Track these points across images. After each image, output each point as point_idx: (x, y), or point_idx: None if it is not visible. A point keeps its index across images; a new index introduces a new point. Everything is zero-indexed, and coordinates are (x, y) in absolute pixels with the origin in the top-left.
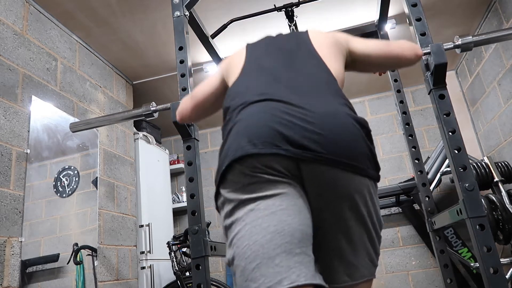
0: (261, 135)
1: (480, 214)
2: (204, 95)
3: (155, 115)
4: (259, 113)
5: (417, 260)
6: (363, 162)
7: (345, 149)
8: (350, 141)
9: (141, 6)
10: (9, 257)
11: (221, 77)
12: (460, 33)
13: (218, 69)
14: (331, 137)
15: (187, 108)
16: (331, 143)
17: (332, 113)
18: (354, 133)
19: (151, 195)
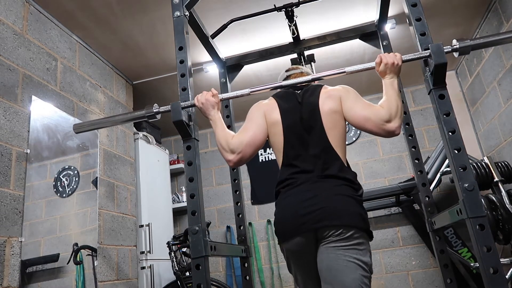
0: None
1: (480, 214)
2: (259, 147)
3: (157, 117)
4: (292, 207)
5: (417, 260)
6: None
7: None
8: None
9: (141, 6)
10: (9, 257)
11: (266, 133)
12: (460, 33)
13: (262, 125)
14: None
15: (247, 154)
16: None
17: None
18: (343, 209)
19: (151, 195)
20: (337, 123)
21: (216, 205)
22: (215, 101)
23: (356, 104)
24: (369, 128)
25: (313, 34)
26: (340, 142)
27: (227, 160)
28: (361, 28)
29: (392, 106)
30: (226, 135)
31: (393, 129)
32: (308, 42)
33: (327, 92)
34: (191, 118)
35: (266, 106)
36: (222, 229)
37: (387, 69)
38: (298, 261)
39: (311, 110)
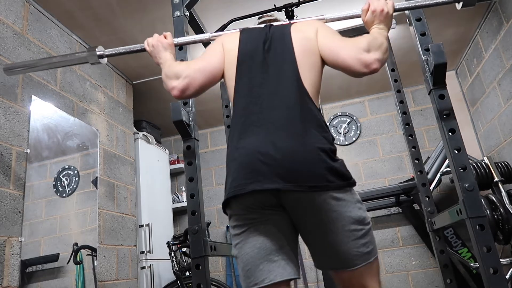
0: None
1: (480, 214)
2: (214, 75)
3: (102, 61)
4: (247, 155)
5: (417, 260)
6: (321, 180)
7: (302, 175)
8: (307, 168)
9: (141, 6)
10: (9, 257)
11: (222, 62)
12: (460, 33)
13: (219, 52)
14: (291, 168)
15: (197, 81)
16: (291, 173)
17: (294, 150)
18: (311, 160)
19: (151, 195)
20: (311, 50)
21: (216, 205)
22: (168, 42)
23: (334, 35)
24: (342, 58)
25: None
26: (313, 78)
27: (171, 88)
28: (361, 28)
29: (374, 38)
30: (173, 63)
31: (371, 61)
32: None
33: (301, 23)
34: (191, 118)
35: (225, 36)
36: (222, 229)
37: (375, 17)
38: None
39: (280, 35)
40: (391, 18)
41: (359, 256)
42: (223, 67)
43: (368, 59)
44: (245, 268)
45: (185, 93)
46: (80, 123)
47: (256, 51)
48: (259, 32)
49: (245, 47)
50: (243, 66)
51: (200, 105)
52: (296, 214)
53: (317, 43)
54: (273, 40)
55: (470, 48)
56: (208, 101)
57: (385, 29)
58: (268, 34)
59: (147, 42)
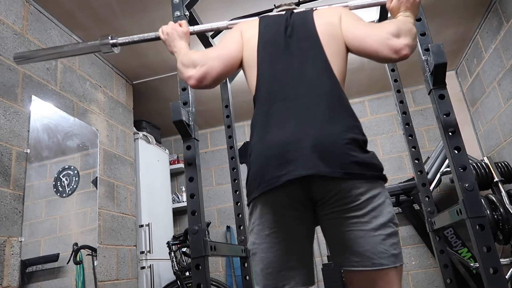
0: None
1: (480, 214)
2: (232, 64)
3: (114, 50)
4: (277, 146)
5: (417, 260)
6: (354, 168)
7: (336, 163)
8: (340, 157)
9: (141, 6)
10: (9, 257)
11: (241, 50)
12: (460, 33)
13: (237, 40)
14: (325, 156)
15: (215, 69)
16: (324, 161)
17: (327, 138)
18: (345, 150)
19: (151, 195)
20: (336, 35)
21: (216, 205)
22: (183, 30)
23: (358, 20)
24: (370, 44)
25: None
26: (340, 64)
27: (187, 77)
28: None
29: (404, 23)
30: (189, 52)
31: (400, 46)
32: None
33: (323, 9)
34: (191, 118)
35: (244, 23)
36: (222, 229)
37: (401, 4)
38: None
39: (302, 21)
40: (418, 6)
41: (386, 256)
42: (242, 56)
43: (398, 44)
44: (264, 269)
45: (202, 83)
46: (80, 123)
47: (278, 37)
48: (279, 18)
49: (265, 33)
50: (264, 54)
51: (200, 105)
52: (325, 203)
53: (341, 29)
54: (295, 26)
55: (470, 48)
56: (208, 101)
57: (411, 17)
58: (289, 20)
59: (161, 30)
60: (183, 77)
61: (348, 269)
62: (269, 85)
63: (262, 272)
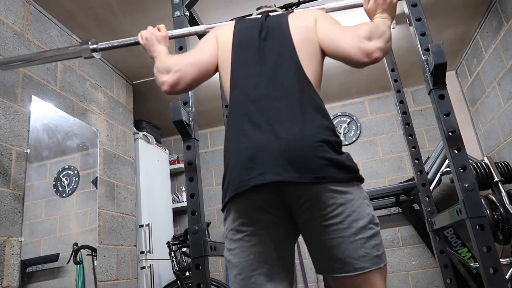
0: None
1: (480, 214)
2: (206, 69)
3: (95, 56)
4: (247, 149)
5: (417, 260)
6: (326, 171)
7: (306, 167)
8: (311, 159)
9: (141, 6)
10: (9, 257)
11: (216, 55)
12: (460, 33)
13: (212, 44)
14: (295, 159)
15: (188, 75)
16: (294, 165)
17: (297, 140)
18: (316, 152)
19: (151, 195)
20: (311, 39)
21: (216, 205)
22: (161, 35)
23: (334, 24)
24: (343, 48)
25: None
26: (314, 67)
27: (161, 83)
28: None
29: (376, 26)
30: (165, 57)
31: (372, 49)
32: None
33: (300, 12)
34: (191, 118)
35: (219, 27)
36: (222, 229)
37: (377, 6)
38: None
39: (277, 24)
40: (395, 7)
41: (368, 259)
42: (217, 60)
43: (369, 47)
44: (238, 276)
45: (175, 88)
46: (80, 123)
47: (252, 40)
48: (254, 22)
49: (240, 37)
50: (238, 56)
51: (200, 105)
52: (299, 210)
53: (316, 33)
54: (269, 29)
55: (470, 48)
56: (208, 101)
57: (388, 19)
58: (264, 23)
59: (140, 35)
60: (158, 83)
61: (332, 276)
62: (241, 88)
63: (236, 279)
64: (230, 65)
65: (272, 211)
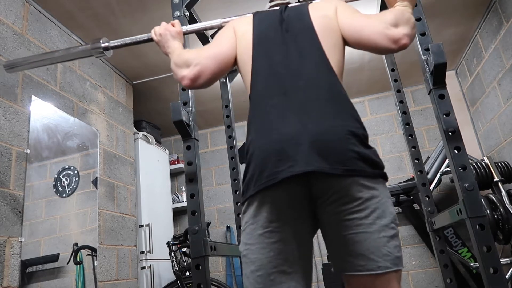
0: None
1: (480, 214)
2: (226, 62)
3: (106, 54)
4: (276, 142)
5: (417, 260)
6: (355, 165)
7: (336, 159)
8: (341, 151)
9: (141, 6)
10: (9, 257)
11: (235, 48)
12: (460, 33)
13: (230, 37)
14: (325, 151)
15: (209, 68)
16: (324, 156)
17: (326, 132)
18: (345, 144)
19: (151, 195)
20: (332, 28)
21: (216, 205)
22: (176, 30)
23: (355, 12)
24: (367, 35)
25: None
26: (337, 57)
27: (180, 77)
28: None
29: (401, 12)
30: (182, 51)
31: (399, 36)
32: None
33: (319, 2)
34: (191, 118)
35: (237, 20)
36: (222, 229)
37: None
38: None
39: (297, 14)
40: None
41: (390, 258)
42: (236, 53)
43: (396, 34)
44: (255, 271)
45: (196, 82)
46: (80, 123)
47: (273, 31)
48: (273, 13)
49: (260, 28)
50: (259, 48)
51: (200, 105)
52: (325, 202)
53: (337, 22)
54: (290, 19)
55: (470, 48)
56: (208, 101)
57: (409, 6)
58: (284, 14)
59: (154, 31)
60: (177, 78)
61: (351, 273)
62: (265, 80)
63: (253, 275)
64: (251, 57)
65: (298, 206)
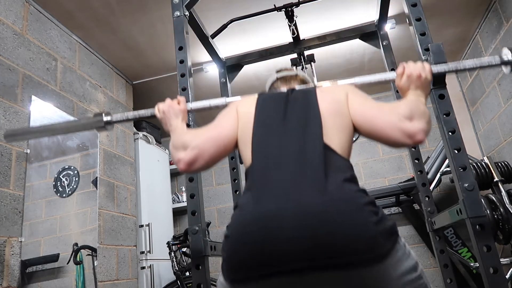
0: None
1: (480, 214)
2: (226, 145)
3: (108, 128)
4: (260, 220)
5: None
6: (374, 247)
7: (348, 244)
8: (353, 231)
9: (141, 6)
10: (9, 257)
11: (236, 129)
12: (460, 33)
13: (232, 118)
14: (330, 233)
15: (206, 152)
16: (329, 242)
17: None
18: (357, 221)
19: (151, 195)
20: (342, 113)
21: (216, 205)
22: (180, 108)
23: (367, 99)
24: (380, 127)
25: (313, 34)
26: (342, 138)
27: (177, 160)
28: (361, 28)
29: (416, 104)
30: (182, 132)
31: (415, 131)
32: (308, 42)
33: (327, 88)
34: (191, 118)
35: (242, 100)
36: (222, 229)
37: (411, 83)
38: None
39: (304, 97)
40: (429, 84)
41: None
42: (237, 135)
43: (411, 128)
44: None
45: (192, 166)
46: None
47: (276, 113)
48: (278, 95)
49: (263, 109)
50: (260, 129)
51: None
52: None
53: (348, 108)
54: (296, 101)
55: (470, 48)
56: None
57: (422, 96)
58: (290, 96)
59: (157, 107)
60: (173, 160)
61: None
62: (262, 162)
63: None
64: (251, 138)
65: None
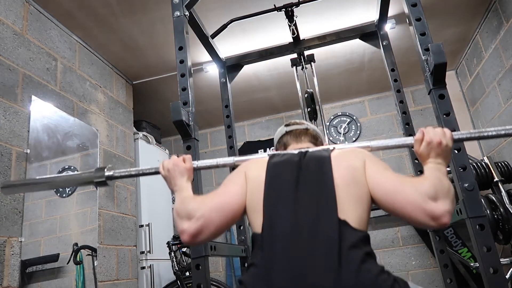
0: None
1: (480, 214)
2: (233, 214)
3: (109, 184)
4: None
5: (417, 260)
6: None
7: None
8: None
9: (141, 6)
10: (9, 257)
11: (244, 197)
12: (460, 33)
13: (240, 183)
14: None
15: (212, 223)
16: None
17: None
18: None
19: (151, 195)
20: (359, 181)
21: None
22: (185, 167)
23: (386, 170)
24: (402, 205)
25: (313, 34)
26: (358, 210)
27: (180, 231)
28: (361, 28)
29: (440, 180)
30: (186, 198)
31: (439, 213)
32: (308, 42)
33: (344, 150)
34: (191, 118)
35: (250, 162)
36: None
37: (431, 150)
38: None
39: (317, 163)
40: (450, 152)
41: None
42: (245, 201)
43: (436, 211)
44: None
45: (197, 239)
46: (80, 123)
47: (288, 182)
48: (291, 157)
49: (274, 174)
50: (271, 197)
51: (200, 105)
52: None
53: (365, 176)
54: (308, 169)
55: (470, 48)
56: (208, 101)
57: (443, 164)
58: (303, 160)
59: (162, 165)
60: (177, 229)
61: None
62: (273, 236)
63: None
64: (263, 207)
65: None
